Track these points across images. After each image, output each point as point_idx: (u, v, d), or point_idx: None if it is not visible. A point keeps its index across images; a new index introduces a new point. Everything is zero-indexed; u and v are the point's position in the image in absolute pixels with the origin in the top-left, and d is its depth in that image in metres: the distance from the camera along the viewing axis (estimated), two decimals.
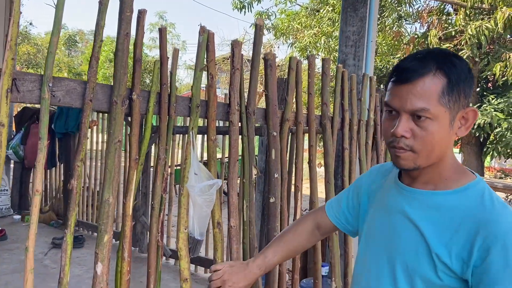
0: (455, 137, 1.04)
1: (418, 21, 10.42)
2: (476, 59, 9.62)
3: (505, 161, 15.43)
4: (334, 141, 2.69)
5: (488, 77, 9.59)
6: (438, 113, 0.96)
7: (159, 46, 1.62)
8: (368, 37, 3.26)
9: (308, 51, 12.03)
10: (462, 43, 8.31)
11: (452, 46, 8.90)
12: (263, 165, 3.58)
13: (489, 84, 11.64)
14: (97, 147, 6.04)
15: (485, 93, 10.98)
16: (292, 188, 2.59)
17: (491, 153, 10.55)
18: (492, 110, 9.52)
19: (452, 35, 8.99)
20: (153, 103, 1.59)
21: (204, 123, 1.93)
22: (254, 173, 2.06)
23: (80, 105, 1.37)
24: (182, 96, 1.74)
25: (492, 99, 10.02)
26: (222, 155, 5.22)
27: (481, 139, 10.05)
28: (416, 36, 9.91)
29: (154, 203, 1.63)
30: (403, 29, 10.11)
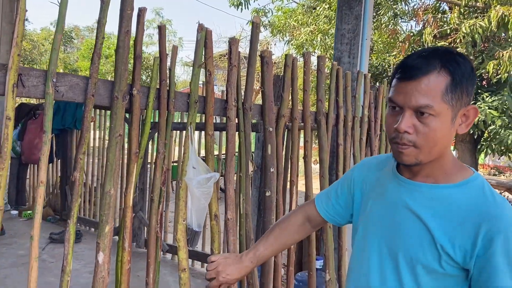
0: (456, 134, 1.08)
1: (414, 19, 10.49)
2: (471, 57, 9.70)
3: (499, 158, 15.55)
4: (329, 137, 2.74)
5: (483, 75, 9.67)
6: (441, 110, 0.99)
7: (159, 43, 1.67)
8: (363, 35, 3.32)
9: (305, 49, 12.08)
10: (457, 41, 8.38)
11: (447, 44, 8.97)
12: (260, 161, 3.64)
13: (484, 82, 11.74)
14: (95, 144, 6.07)
15: (480, 91, 11.07)
16: (288, 184, 2.65)
17: (485, 151, 10.65)
18: (486, 108, 9.62)
19: (447, 33, 9.06)
20: (153, 99, 1.64)
21: (201, 120, 1.98)
22: (251, 168, 2.11)
23: (83, 100, 1.42)
24: (181, 92, 1.79)
25: (487, 97, 10.11)
26: (219, 152, 5.27)
27: (475, 137, 10.15)
28: (412, 34, 9.98)
29: (154, 196, 1.69)
30: (399, 27, 10.17)
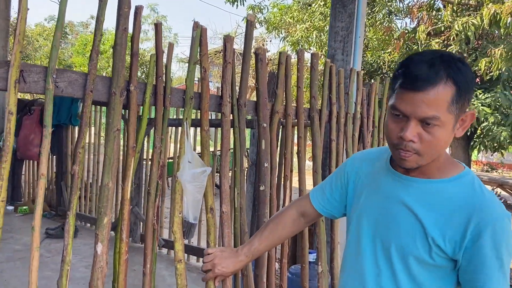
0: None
1: (408, 16, 10.55)
2: (465, 55, 9.79)
3: (492, 155, 15.69)
4: (322, 133, 2.80)
5: (476, 72, 9.76)
6: (446, 120, 1.02)
7: (155, 41, 1.72)
8: (356, 33, 3.37)
9: (300, 45, 12.12)
10: (451, 39, 8.45)
11: (441, 42, 9.05)
12: (255, 157, 3.69)
13: (477, 79, 11.84)
14: (90, 139, 6.10)
15: (474, 89, 11.15)
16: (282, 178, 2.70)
17: (478, 147, 10.76)
18: (480, 105, 9.71)
19: (441, 31, 9.13)
20: (149, 95, 1.69)
21: (197, 116, 2.02)
22: (245, 163, 2.16)
23: (81, 96, 1.46)
24: (177, 88, 1.84)
25: (480, 94, 10.21)
26: (214, 148, 5.32)
27: (468, 133, 10.25)
28: (406, 32, 10.05)
29: (151, 189, 1.74)
30: (394, 25, 10.23)
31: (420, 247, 1.10)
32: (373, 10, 10.06)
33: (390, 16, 10.37)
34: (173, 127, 5.20)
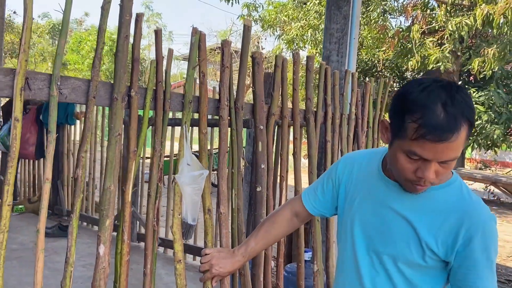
0: None
1: (403, 15, 10.63)
2: (458, 53, 9.88)
3: (485, 153, 15.82)
4: (318, 134, 2.85)
5: (470, 71, 9.86)
6: (460, 152, 1.06)
7: (155, 47, 1.76)
8: (351, 35, 3.42)
9: (295, 44, 12.17)
10: (445, 38, 8.54)
11: (435, 40, 9.13)
12: (250, 156, 3.74)
13: (471, 78, 11.94)
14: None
15: (467, 86, 11.27)
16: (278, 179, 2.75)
17: (472, 145, 10.87)
18: (473, 103, 9.80)
19: (435, 30, 9.21)
20: (150, 99, 1.73)
21: (193, 116, 2.06)
22: (242, 164, 2.21)
23: (85, 102, 1.50)
24: (176, 93, 1.88)
25: (473, 92, 10.31)
26: (211, 147, 5.35)
27: None
28: (401, 30, 10.12)
29: (151, 191, 1.78)
30: (388, 23, 10.30)
31: (414, 252, 1.17)
32: (368, 9, 10.12)
33: (385, 15, 10.44)
34: (169, 126, 5.23)
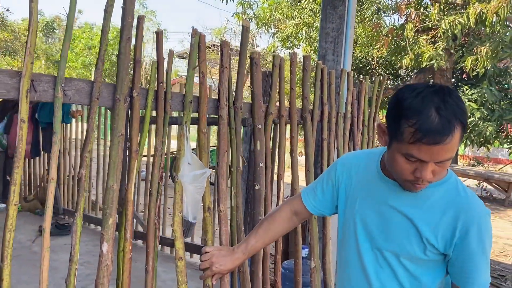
0: None
1: (397, 13, 10.69)
2: (452, 51, 9.96)
3: (478, 149, 15.97)
4: (314, 133, 2.89)
5: (463, 69, 9.94)
6: (455, 152, 1.13)
7: (156, 48, 1.79)
8: (347, 34, 3.47)
9: (290, 41, 12.20)
10: (438, 36, 8.61)
11: (429, 38, 9.20)
12: (247, 155, 3.77)
13: (464, 75, 12.05)
14: (82, 137, 6.12)
15: (460, 84, 11.38)
16: (275, 176, 2.79)
17: (465, 142, 10.98)
18: (466, 100, 9.91)
19: (429, 28, 9.27)
20: (151, 100, 1.76)
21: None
22: (240, 163, 2.25)
23: (88, 103, 1.53)
24: (177, 93, 1.91)
25: (466, 90, 10.41)
26: (208, 144, 5.37)
27: None
28: (395, 28, 10.18)
29: (152, 190, 1.81)
30: (382, 21, 10.36)
31: (416, 247, 1.24)
32: (362, 7, 10.16)
33: (379, 13, 10.49)
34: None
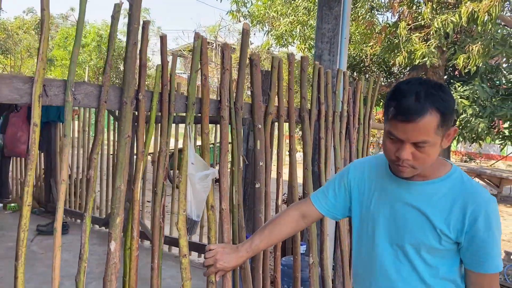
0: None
1: (390, 11, 10.77)
2: (444, 49, 10.07)
3: (470, 146, 16.14)
4: (312, 131, 2.95)
5: (455, 66, 10.05)
6: (434, 141, 1.24)
7: (160, 52, 1.84)
8: (342, 34, 3.53)
9: (284, 39, 12.25)
10: (431, 33, 8.70)
11: (422, 36, 9.29)
12: (245, 154, 3.83)
13: (456, 72, 12.17)
14: (79, 136, 6.14)
15: (452, 81, 11.49)
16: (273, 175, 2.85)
17: (457, 138, 11.11)
18: (458, 97, 10.02)
19: (422, 25, 9.37)
20: (156, 102, 1.81)
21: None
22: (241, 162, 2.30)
23: (96, 106, 1.58)
24: (180, 95, 1.96)
25: (458, 87, 10.52)
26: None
27: None
28: (388, 26, 10.27)
29: (157, 189, 1.87)
30: (375, 19, 10.44)
31: (432, 239, 1.33)
32: (356, 5, 10.23)
33: (372, 11, 10.57)
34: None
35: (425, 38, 9.28)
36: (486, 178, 10.73)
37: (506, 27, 8.94)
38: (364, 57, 12.54)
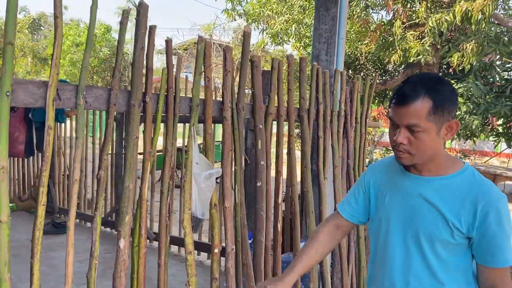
0: (444, 141, 1.41)
1: (384, 9, 10.85)
2: (438, 47, 10.16)
3: (464, 142, 16.29)
4: (310, 131, 3.02)
5: (450, 63, 10.14)
6: (427, 127, 1.31)
7: (166, 56, 1.89)
8: (339, 35, 3.59)
9: (279, 38, 12.30)
10: (425, 31, 8.79)
11: (416, 34, 9.37)
12: (244, 153, 3.89)
13: (450, 70, 12.27)
14: (71, 133, 6.17)
15: (447, 78, 11.58)
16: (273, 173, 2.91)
17: None
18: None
19: (416, 24, 9.44)
20: (162, 104, 1.87)
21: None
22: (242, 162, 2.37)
23: (106, 108, 1.64)
24: (185, 97, 2.02)
25: (453, 84, 10.62)
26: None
27: None
28: (383, 24, 10.34)
29: (163, 189, 1.93)
30: (370, 17, 10.51)
31: (444, 232, 1.39)
32: (351, 4, 10.30)
33: (367, 10, 10.64)
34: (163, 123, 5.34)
35: (420, 36, 9.36)
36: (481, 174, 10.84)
37: (500, 25, 9.04)
38: (359, 55, 12.61)
